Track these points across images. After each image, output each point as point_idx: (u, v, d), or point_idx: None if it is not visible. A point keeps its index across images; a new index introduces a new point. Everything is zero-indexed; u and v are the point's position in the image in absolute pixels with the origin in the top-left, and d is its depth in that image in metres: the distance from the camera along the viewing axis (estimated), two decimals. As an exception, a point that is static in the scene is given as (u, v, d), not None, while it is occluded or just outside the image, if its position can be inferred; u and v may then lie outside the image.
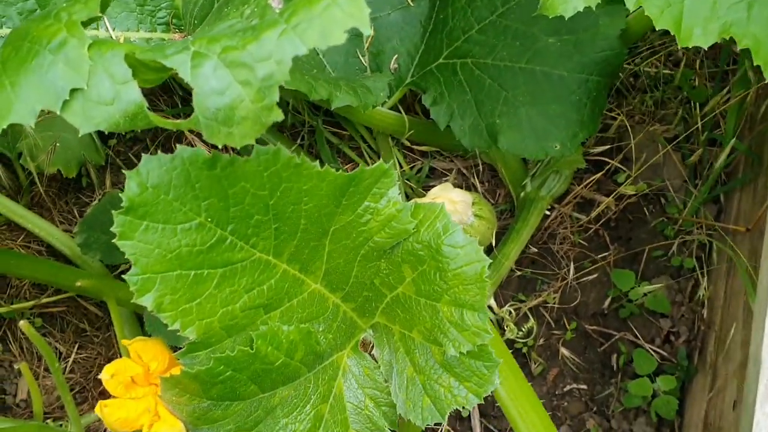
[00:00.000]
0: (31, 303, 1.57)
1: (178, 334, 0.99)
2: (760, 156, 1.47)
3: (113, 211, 0.91)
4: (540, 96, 1.37)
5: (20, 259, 1.48)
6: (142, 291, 0.96)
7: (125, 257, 0.94)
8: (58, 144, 1.51)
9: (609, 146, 1.64)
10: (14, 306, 1.56)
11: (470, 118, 1.40)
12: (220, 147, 0.85)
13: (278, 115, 0.83)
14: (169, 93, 1.68)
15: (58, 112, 0.85)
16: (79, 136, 0.88)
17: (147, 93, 1.66)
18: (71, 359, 1.58)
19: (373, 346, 1.17)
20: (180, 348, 1.04)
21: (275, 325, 1.05)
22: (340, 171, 1.00)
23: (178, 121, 0.87)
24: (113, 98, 0.86)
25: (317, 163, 0.99)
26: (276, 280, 1.06)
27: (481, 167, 1.66)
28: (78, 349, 1.59)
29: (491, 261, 1.03)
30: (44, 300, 1.58)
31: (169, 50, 0.86)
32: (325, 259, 1.09)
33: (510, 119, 1.38)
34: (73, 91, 0.85)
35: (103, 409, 1.04)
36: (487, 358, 1.04)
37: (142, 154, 0.93)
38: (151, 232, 0.94)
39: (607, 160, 1.62)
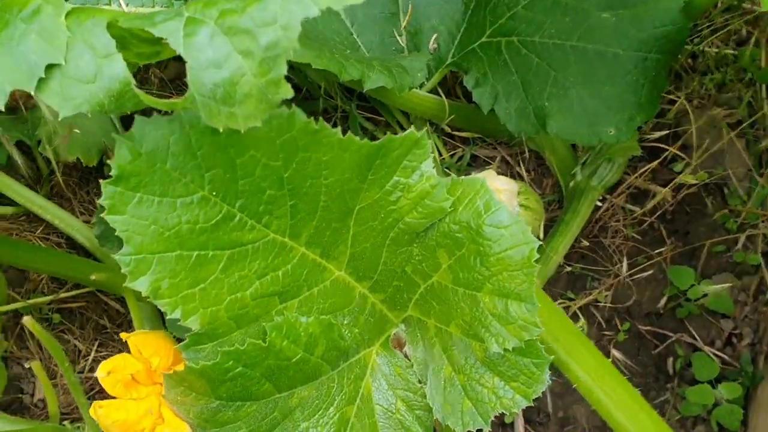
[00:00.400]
0: (49, 298, 1.45)
1: (179, 323, 0.84)
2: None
3: (101, 181, 0.76)
4: (593, 76, 1.25)
5: (34, 252, 1.37)
6: (136, 273, 0.82)
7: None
8: (77, 130, 1.39)
9: (666, 132, 1.51)
10: (31, 301, 1.45)
11: (516, 101, 1.29)
12: (221, 130, 0.69)
13: (287, 92, 0.68)
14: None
15: (32, 93, 0.71)
16: (59, 119, 0.73)
17: (172, 77, 1.55)
18: (91, 357, 1.45)
19: (405, 343, 1.00)
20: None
21: (292, 316, 0.90)
22: (365, 139, 0.84)
23: (172, 100, 0.71)
24: (95, 74, 0.72)
25: (338, 130, 0.83)
26: (293, 265, 0.92)
27: (527, 154, 1.52)
28: (98, 346, 1.46)
29: (541, 243, 0.86)
30: (62, 295, 1.46)
31: (158, 17, 0.70)
32: (349, 243, 0.94)
33: (560, 102, 1.26)
34: (50, 67, 0.71)
35: (97, 411, 0.89)
36: (536, 354, 0.90)
37: (135, 116, 0.77)
38: (146, 205, 0.80)
39: (664, 147, 1.49)
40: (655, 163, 1.47)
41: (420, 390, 0.98)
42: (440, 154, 1.52)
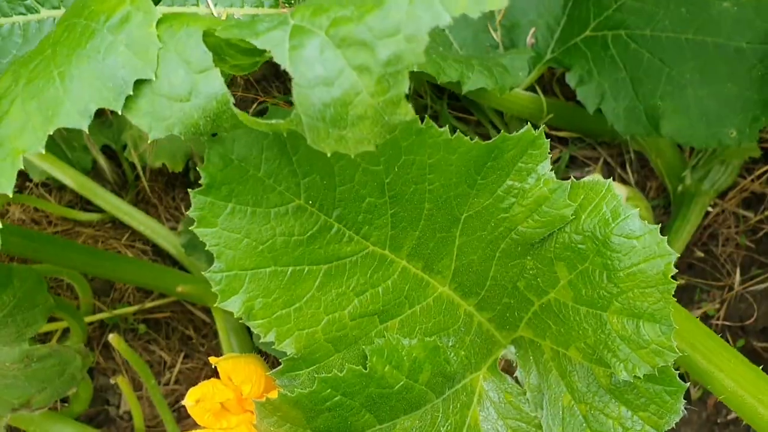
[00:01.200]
0: (134, 308, 1.41)
1: (274, 347, 0.75)
2: None
3: (190, 190, 0.68)
4: (711, 73, 1.16)
5: (119, 262, 1.32)
6: (228, 292, 0.74)
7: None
8: (161, 135, 1.32)
9: (787, 133, 1.41)
10: (116, 311, 1.40)
11: (626, 100, 1.21)
12: (328, 154, 0.60)
13: (406, 113, 0.58)
14: (282, 79, 1.46)
15: (119, 112, 0.63)
16: (149, 142, 0.64)
17: (258, 78, 1.48)
18: (176, 369, 1.40)
19: (516, 367, 0.89)
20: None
21: (394, 338, 0.81)
22: (476, 140, 0.74)
23: (275, 121, 0.62)
24: (189, 92, 0.63)
25: (446, 129, 0.74)
26: (393, 280, 0.83)
27: (632, 155, 1.38)
28: (184, 358, 1.41)
29: (678, 256, 0.74)
30: (148, 305, 1.41)
31: (261, 26, 0.61)
32: (454, 256, 0.85)
33: (674, 101, 1.17)
34: (139, 83, 0.63)
35: (185, 440, 0.80)
36: (670, 381, 0.79)
37: (225, 118, 0.69)
38: (238, 217, 0.72)
39: (783, 148, 1.40)
40: (773, 164, 1.38)
41: (534, 420, 0.88)
42: (537, 155, 1.41)
